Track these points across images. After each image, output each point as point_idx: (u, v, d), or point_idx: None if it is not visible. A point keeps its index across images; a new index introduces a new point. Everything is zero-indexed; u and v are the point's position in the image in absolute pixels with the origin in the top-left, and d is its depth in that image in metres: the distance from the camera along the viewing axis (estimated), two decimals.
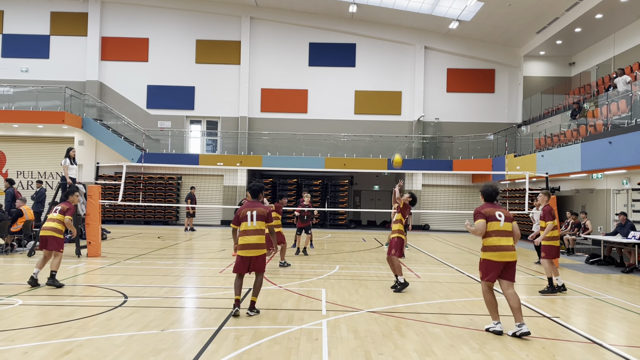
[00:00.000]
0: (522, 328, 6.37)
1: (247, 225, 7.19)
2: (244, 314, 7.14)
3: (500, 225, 6.56)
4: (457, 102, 28.05)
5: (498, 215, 6.62)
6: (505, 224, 6.59)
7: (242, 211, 7.26)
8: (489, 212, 6.64)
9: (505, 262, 6.51)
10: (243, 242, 7.16)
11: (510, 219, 6.67)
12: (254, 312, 7.20)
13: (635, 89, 14.65)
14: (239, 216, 7.25)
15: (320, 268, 11.98)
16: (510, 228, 6.62)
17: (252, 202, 7.44)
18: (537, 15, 23.03)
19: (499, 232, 6.54)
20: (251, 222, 7.19)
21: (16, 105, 24.72)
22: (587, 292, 9.73)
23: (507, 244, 6.53)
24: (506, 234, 6.57)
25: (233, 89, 27.84)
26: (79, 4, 27.85)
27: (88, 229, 13.16)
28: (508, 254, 6.51)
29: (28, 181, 26.64)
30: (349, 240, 19.68)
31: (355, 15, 27.01)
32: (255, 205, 7.33)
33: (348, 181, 27.82)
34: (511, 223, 6.64)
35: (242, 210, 7.28)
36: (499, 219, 6.59)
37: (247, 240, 7.15)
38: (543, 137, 20.64)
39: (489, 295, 6.61)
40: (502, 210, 6.72)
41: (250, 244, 7.14)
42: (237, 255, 7.24)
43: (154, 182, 26.07)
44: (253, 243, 7.14)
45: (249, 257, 7.15)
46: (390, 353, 5.68)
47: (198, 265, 12.31)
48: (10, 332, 6.11)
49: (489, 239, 6.56)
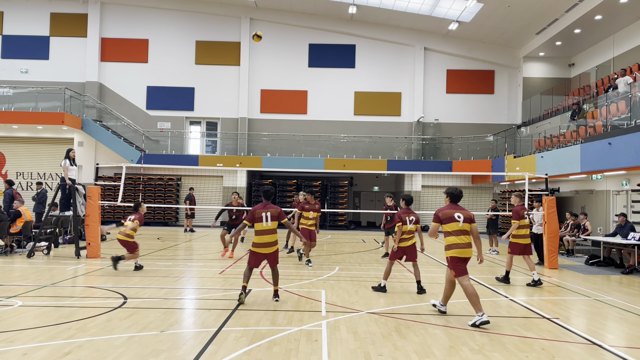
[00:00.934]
0: (482, 317, 6.84)
1: (263, 225, 7.90)
2: (246, 307, 7.14)
3: (459, 225, 7.18)
4: (456, 103, 28.07)
5: (457, 216, 7.22)
6: (464, 224, 7.19)
7: (257, 212, 7.93)
8: (447, 214, 7.25)
9: (466, 258, 7.16)
10: (258, 241, 7.92)
11: (469, 219, 7.25)
12: (276, 298, 8.08)
13: (634, 91, 14.66)
14: (254, 216, 7.91)
15: (320, 269, 11.97)
16: (469, 228, 7.22)
17: (265, 203, 8.10)
18: (536, 16, 23.06)
19: (458, 231, 7.17)
20: (266, 222, 7.91)
21: (16, 106, 24.73)
22: (586, 293, 9.73)
23: (465, 242, 7.16)
24: (465, 232, 7.19)
25: (233, 90, 27.85)
26: (78, 5, 27.87)
27: (87, 230, 13.15)
28: (466, 250, 7.15)
29: (28, 182, 26.64)
30: (349, 242, 19.67)
31: (355, 16, 27.03)
32: (269, 207, 8.01)
33: (348, 182, 27.82)
34: (470, 224, 7.22)
35: (257, 211, 7.94)
36: (458, 220, 7.19)
37: (262, 240, 7.90)
38: (543, 138, 20.65)
39: (471, 288, 7.06)
40: (463, 211, 7.29)
41: (265, 242, 7.90)
42: (252, 251, 7.99)
43: (153, 183, 26.06)
44: (267, 242, 7.91)
45: (264, 254, 7.94)
46: (390, 354, 5.68)
47: (198, 266, 12.30)
48: (9, 333, 6.10)
49: (450, 238, 7.20)
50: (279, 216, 8.02)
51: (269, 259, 8.04)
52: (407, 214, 9.36)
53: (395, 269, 12.37)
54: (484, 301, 8.72)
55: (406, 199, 9.58)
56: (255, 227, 7.94)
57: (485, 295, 9.24)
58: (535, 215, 14.06)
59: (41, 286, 9.06)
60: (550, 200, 13.16)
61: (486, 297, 9.13)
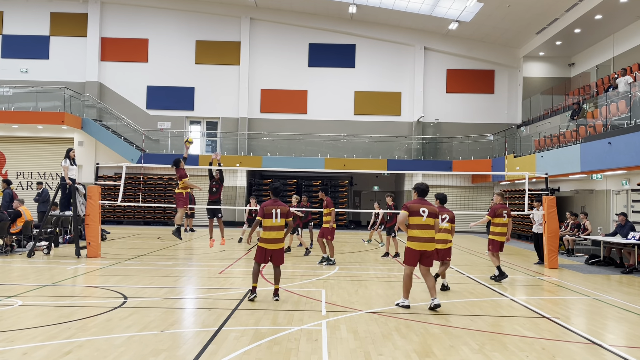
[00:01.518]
0: (434, 301, 7.69)
1: (272, 221, 8.08)
2: (256, 303, 7.14)
3: (422, 220, 7.69)
4: (456, 102, 28.06)
5: (422, 211, 7.72)
6: (428, 219, 7.69)
7: (267, 208, 8.14)
8: (414, 207, 7.76)
9: (422, 250, 7.70)
10: (266, 237, 8.08)
11: (434, 215, 7.75)
12: (276, 298, 8.16)
13: (634, 90, 14.65)
14: (264, 212, 8.13)
15: (320, 269, 11.98)
16: (433, 223, 7.72)
17: (275, 200, 8.30)
18: (536, 16, 23.05)
19: (420, 225, 7.67)
20: (275, 219, 8.09)
21: (16, 105, 24.71)
22: (586, 292, 9.73)
23: (426, 236, 7.69)
24: (428, 227, 7.69)
25: (233, 90, 27.85)
26: (78, 5, 27.86)
27: (88, 230, 13.15)
28: (426, 244, 7.70)
29: (28, 182, 26.64)
30: (349, 241, 19.67)
31: (355, 16, 27.03)
32: (278, 204, 8.21)
33: (348, 182, 27.82)
34: (434, 219, 7.74)
35: (267, 207, 8.15)
36: (422, 215, 7.70)
37: (270, 235, 8.07)
38: (543, 137, 20.64)
39: (408, 279, 7.85)
40: (429, 206, 7.79)
41: (272, 238, 8.07)
42: (259, 247, 8.16)
43: (153, 183, 26.06)
44: (275, 238, 8.08)
45: (270, 250, 8.09)
46: (390, 354, 5.68)
47: (198, 265, 12.31)
48: (10, 332, 6.10)
49: (412, 231, 7.71)
50: (287, 214, 8.21)
51: (274, 255, 8.15)
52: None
53: (395, 268, 12.37)
54: (485, 301, 8.73)
55: (440, 197, 9.65)
56: (264, 223, 8.12)
57: (485, 295, 9.25)
58: (535, 214, 14.07)
59: (41, 286, 9.06)
60: (550, 200, 13.17)
61: (487, 296, 9.13)
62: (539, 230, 13.96)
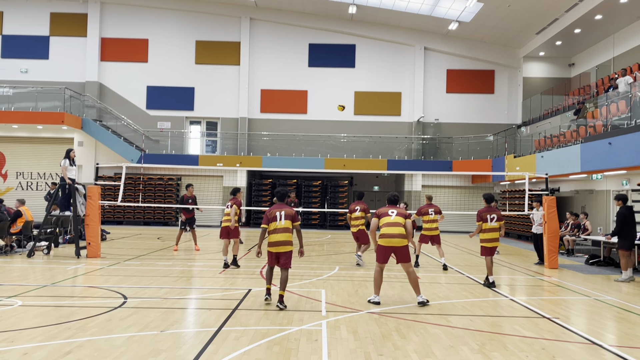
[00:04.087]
0: (418, 298, 8.07)
1: (276, 224, 7.96)
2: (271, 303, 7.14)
3: (390, 219, 8.07)
4: (456, 103, 28.06)
5: (390, 212, 8.19)
6: (397, 217, 8.07)
7: (271, 212, 8.05)
8: (382, 211, 8.27)
9: (392, 247, 7.99)
10: (272, 240, 7.97)
11: (403, 215, 8.13)
12: (283, 305, 7.76)
13: (635, 90, 14.65)
14: (269, 217, 8.00)
15: (320, 269, 11.98)
16: (403, 222, 8.06)
17: (280, 204, 8.24)
18: (536, 16, 23.05)
19: (388, 223, 8.05)
20: (280, 221, 7.96)
21: (16, 106, 24.71)
22: (586, 293, 9.73)
23: (394, 233, 7.97)
24: (396, 224, 8.02)
25: (233, 90, 27.85)
26: (78, 5, 27.87)
27: (88, 230, 13.15)
28: (394, 240, 7.99)
29: (28, 182, 26.64)
30: (349, 241, 19.66)
31: (355, 16, 27.03)
32: (283, 207, 8.13)
33: (348, 182, 27.81)
34: (404, 219, 8.08)
35: (272, 211, 8.06)
36: (391, 215, 8.14)
37: (276, 238, 7.93)
38: (543, 137, 20.64)
39: (378, 275, 8.21)
40: (398, 209, 8.24)
41: (277, 241, 7.91)
42: (268, 251, 8.07)
43: (153, 183, 26.06)
44: (280, 240, 7.90)
45: (277, 253, 7.96)
46: (390, 354, 5.68)
47: (198, 266, 12.31)
48: (10, 332, 6.10)
49: (381, 230, 8.10)
50: (293, 217, 8.05)
51: (281, 258, 7.92)
52: (488, 212, 10.00)
53: (395, 268, 12.38)
54: (485, 301, 8.72)
55: (486, 197, 10.09)
56: (269, 227, 7.98)
57: (486, 295, 9.25)
58: (535, 215, 14.06)
59: (41, 286, 9.06)
60: (551, 200, 13.16)
61: (486, 297, 9.13)
62: (538, 231, 13.96)
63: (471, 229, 14.03)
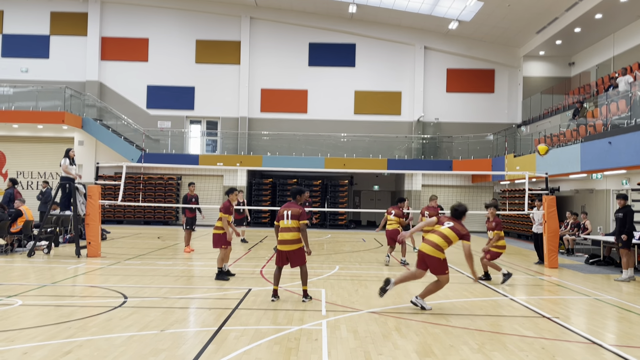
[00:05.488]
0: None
1: (284, 223, 8.12)
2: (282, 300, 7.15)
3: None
4: (456, 102, 28.06)
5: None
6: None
7: (281, 210, 8.22)
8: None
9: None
10: (280, 238, 8.14)
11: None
12: (307, 298, 8.14)
13: (635, 89, 14.65)
14: (278, 215, 8.23)
15: (320, 268, 11.98)
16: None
17: (289, 202, 8.35)
18: (536, 15, 23.04)
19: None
20: (286, 220, 8.10)
21: (16, 105, 24.71)
22: (586, 292, 9.73)
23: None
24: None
25: (233, 89, 27.85)
26: (78, 4, 27.86)
27: (88, 229, 13.15)
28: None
29: (28, 181, 26.64)
30: (349, 241, 19.68)
31: (355, 15, 27.02)
32: (291, 206, 8.22)
33: (348, 181, 27.82)
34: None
35: (281, 209, 8.23)
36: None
37: (284, 237, 8.08)
38: (543, 137, 20.63)
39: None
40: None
41: (286, 239, 8.05)
42: (277, 249, 8.22)
43: (153, 182, 26.07)
44: (286, 239, 8.04)
45: (285, 252, 8.08)
46: (390, 353, 5.68)
47: (198, 265, 12.31)
48: (10, 332, 6.11)
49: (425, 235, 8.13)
50: (299, 216, 8.09)
51: (291, 257, 8.07)
52: None
53: (396, 268, 12.38)
54: (484, 301, 8.73)
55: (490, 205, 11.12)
56: (280, 225, 8.18)
57: (485, 295, 9.26)
58: (535, 214, 14.06)
59: (41, 285, 9.07)
60: (551, 200, 13.16)
61: (486, 296, 9.14)
62: (538, 230, 13.96)
63: (471, 228, 14.03)
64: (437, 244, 7.70)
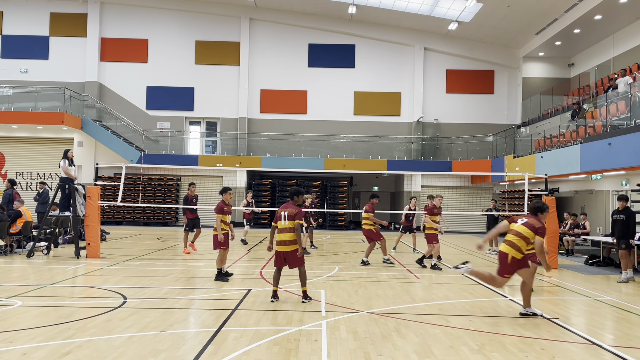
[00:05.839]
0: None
1: (281, 224, 8.15)
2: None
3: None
4: (456, 103, 28.07)
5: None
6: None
7: (279, 211, 8.23)
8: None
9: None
10: (278, 239, 8.15)
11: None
12: (307, 299, 8.15)
13: (634, 90, 14.66)
14: (276, 216, 8.25)
15: (320, 269, 11.98)
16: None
17: (287, 203, 8.36)
18: (536, 16, 23.06)
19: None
20: (283, 221, 8.13)
21: (15, 106, 24.71)
22: (586, 293, 9.74)
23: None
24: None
25: (232, 90, 27.85)
26: (78, 5, 27.87)
27: (87, 230, 13.14)
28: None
29: (27, 182, 26.63)
30: (349, 241, 19.67)
31: (355, 16, 27.04)
32: (288, 206, 8.23)
33: (347, 182, 27.82)
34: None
35: (279, 210, 8.25)
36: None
37: (280, 238, 8.11)
38: (542, 138, 20.65)
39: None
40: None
41: (283, 240, 8.08)
42: (275, 250, 8.24)
43: (153, 183, 26.06)
44: (283, 240, 8.08)
45: (282, 252, 8.11)
46: (390, 354, 5.68)
47: (197, 266, 12.30)
48: (9, 333, 6.10)
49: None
50: (294, 217, 8.08)
51: (288, 258, 8.07)
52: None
53: (396, 268, 12.37)
54: (484, 301, 8.72)
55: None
56: (277, 226, 8.23)
57: (485, 296, 9.25)
58: None
59: (41, 286, 9.06)
60: (550, 201, 13.17)
61: (486, 297, 9.13)
62: None
63: (471, 229, 14.01)
64: (514, 242, 7.46)
